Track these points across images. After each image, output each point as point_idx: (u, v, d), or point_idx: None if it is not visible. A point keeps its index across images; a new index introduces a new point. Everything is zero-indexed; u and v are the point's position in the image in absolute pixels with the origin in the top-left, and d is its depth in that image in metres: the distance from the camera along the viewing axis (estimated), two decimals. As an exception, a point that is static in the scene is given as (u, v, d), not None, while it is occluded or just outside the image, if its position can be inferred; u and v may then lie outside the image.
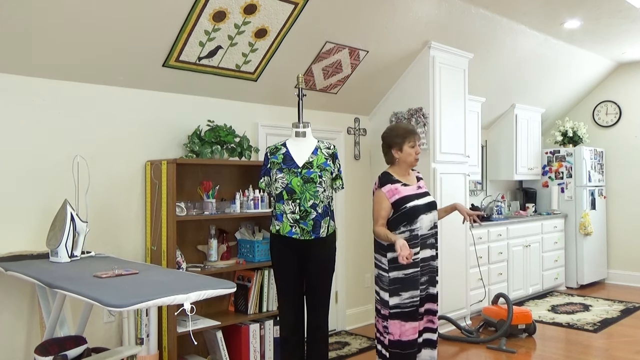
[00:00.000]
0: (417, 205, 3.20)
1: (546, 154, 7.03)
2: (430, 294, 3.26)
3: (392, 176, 3.29)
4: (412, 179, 3.34)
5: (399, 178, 3.29)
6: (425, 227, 3.21)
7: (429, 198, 3.29)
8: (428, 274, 3.24)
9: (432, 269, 3.27)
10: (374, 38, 4.36)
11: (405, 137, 3.28)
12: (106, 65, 3.36)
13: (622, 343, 4.57)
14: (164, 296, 2.04)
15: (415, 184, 3.31)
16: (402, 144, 3.27)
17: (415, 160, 3.30)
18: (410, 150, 3.27)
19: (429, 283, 3.25)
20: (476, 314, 5.37)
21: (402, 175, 3.31)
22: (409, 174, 3.34)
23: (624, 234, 7.08)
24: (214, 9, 3.35)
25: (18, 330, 3.14)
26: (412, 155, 3.27)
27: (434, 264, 3.28)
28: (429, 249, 3.24)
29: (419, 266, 3.17)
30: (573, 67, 6.48)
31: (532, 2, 4.63)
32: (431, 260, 3.26)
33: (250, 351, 3.74)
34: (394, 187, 3.24)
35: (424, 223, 3.20)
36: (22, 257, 2.95)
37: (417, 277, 3.16)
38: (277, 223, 3.20)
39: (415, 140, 3.28)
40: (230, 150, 3.87)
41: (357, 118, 5.16)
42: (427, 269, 3.24)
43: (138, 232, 3.64)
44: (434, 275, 3.28)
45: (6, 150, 3.10)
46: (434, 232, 3.27)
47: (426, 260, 3.22)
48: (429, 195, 3.32)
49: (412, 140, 3.27)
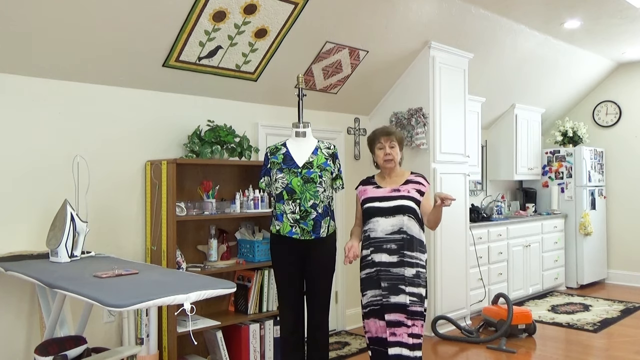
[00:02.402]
0: (372, 207, 3.11)
1: (546, 154, 7.03)
2: (390, 303, 3.01)
3: (371, 178, 3.27)
4: (394, 181, 3.18)
5: (377, 180, 3.23)
6: (381, 231, 3.06)
7: (397, 202, 3.08)
8: (387, 281, 3.03)
9: (393, 276, 3.03)
10: (374, 38, 4.36)
11: (374, 140, 3.21)
12: (106, 65, 3.36)
13: (622, 343, 4.57)
14: (164, 296, 2.04)
15: (391, 187, 3.15)
16: (374, 146, 3.22)
17: (385, 162, 3.15)
18: (379, 152, 3.18)
19: (390, 291, 3.02)
20: (476, 314, 5.37)
21: (382, 178, 3.22)
22: (392, 176, 3.19)
23: (624, 234, 7.08)
24: (214, 9, 3.35)
25: (18, 330, 3.14)
26: (380, 157, 3.17)
27: (396, 272, 3.03)
28: (386, 254, 3.04)
29: (374, 268, 3.07)
30: (573, 67, 6.48)
31: (532, 2, 4.63)
32: (391, 266, 3.03)
33: (250, 351, 3.74)
34: (364, 188, 3.21)
35: (379, 226, 3.06)
36: (22, 257, 2.95)
37: (374, 277, 3.07)
38: (277, 223, 3.20)
39: (383, 141, 3.16)
40: (230, 150, 3.87)
41: (357, 118, 5.16)
42: (387, 275, 3.04)
43: (138, 232, 3.64)
44: (397, 284, 3.01)
45: (6, 150, 3.10)
46: (396, 237, 3.04)
47: (384, 265, 3.05)
48: (404, 200, 3.08)
49: (380, 141, 3.17)
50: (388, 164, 3.15)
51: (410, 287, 3.01)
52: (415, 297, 3.02)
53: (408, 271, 3.03)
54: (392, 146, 3.16)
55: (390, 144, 3.16)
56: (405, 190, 3.12)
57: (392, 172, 3.19)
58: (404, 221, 3.06)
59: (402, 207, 3.07)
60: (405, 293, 3.00)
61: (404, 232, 3.06)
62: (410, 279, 3.02)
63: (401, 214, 3.07)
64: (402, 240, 3.05)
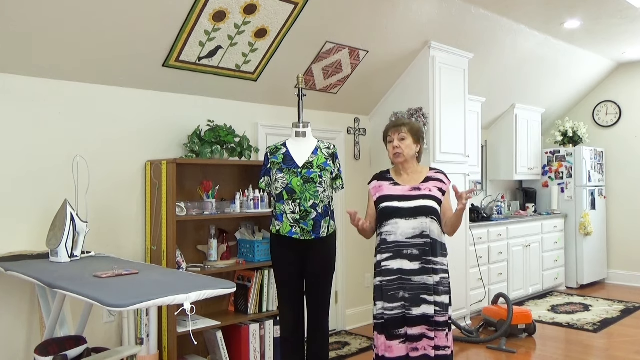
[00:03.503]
0: (390, 207, 2.82)
1: (546, 154, 7.03)
2: (413, 315, 2.74)
3: (386, 173, 3.00)
4: (412, 178, 2.91)
5: (393, 176, 2.96)
6: (401, 234, 2.77)
7: (419, 202, 2.80)
8: (409, 291, 2.75)
9: (415, 285, 2.75)
10: (374, 38, 4.36)
11: (386, 134, 2.98)
12: (106, 65, 3.36)
13: (622, 343, 4.57)
14: (164, 296, 2.04)
15: (410, 185, 2.88)
16: (386, 140, 2.98)
17: (394, 156, 2.91)
18: (388, 147, 2.95)
19: (412, 302, 2.74)
20: (476, 314, 5.37)
21: (398, 173, 2.96)
22: (408, 172, 2.93)
23: (624, 234, 7.08)
24: (214, 9, 3.35)
25: (18, 330, 3.14)
26: (390, 151, 2.94)
27: (418, 280, 2.75)
28: (407, 260, 2.76)
29: (390, 276, 2.78)
30: (573, 67, 6.48)
31: (532, 2, 4.63)
32: (412, 274, 2.75)
33: (250, 351, 3.74)
34: (379, 184, 2.94)
35: (399, 229, 2.78)
36: (22, 257, 2.95)
37: (386, 287, 2.79)
38: (277, 223, 3.20)
39: (392, 134, 2.92)
40: (230, 150, 3.87)
41: (357, 118, 5.16)
42: (407, 284, 2.76)
43: (138, 232, 3.64)
44: (419, 294, 2.74)
45: (6, 150, 3.10)
46: (418, 242, 2.77)
47: (404, 273, 2.76)
48: (426, 200, 2.81)
49: (390, 135, 2.93)
50: (397, 158, 2.90)
51: (435, 295, 2.75)
52: (439, 306, 2.75)
53: (432, 279, 2.76)
54: (401, 138, 2.89)
55: (400, 136, 2.90)
56: (427, 189, 2.85)
57: (408, 168, 2.93)
58: (427, 224, 2.78)
59: (425, 208, 2.79)
60: (429, 303, 2.73)
61: (427, 235, 2.77)
62: (434, 287, 2.75)
63: (423, 216, 2.78)
64: (425, 244, 2.76)
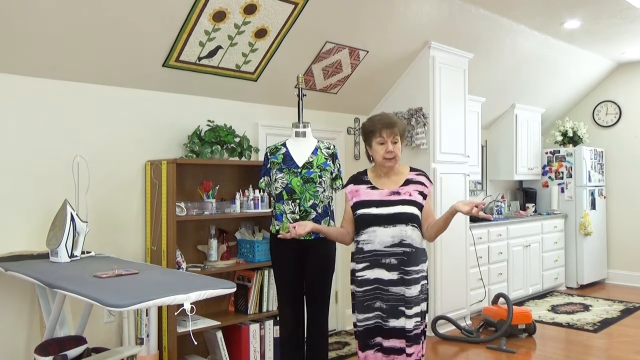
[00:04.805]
0: (368, 214, 2.59)
1: (546, 154, 7.03)
2: (389, 327, 2.57)
3: (364, 175, 2.73)
4: (392, 181, 2.67)
5: (371, 178, 2.70)
6: (379, 243, 2.57)
7: (398, 208, 2.57)
8: (386, 302, 2.58)
9: (392, 296, 2.57)
10: (374, 38, 4.36)
11: (373, 132, 2.63)
12: (106, 65, 3.36)
13: (622, 343, 4.57)
14: (164, 296, 2.04)
15: (389, 188, 2.64)
16: (371, 139, 2.64)
17: (386, 160, 2.61)
18: (378, 148, 2.61)
19: (389, 314, 2.57)
20: (476, 314, 5.37)
21: (377, 175, 2.70)
22: (389, 176, 2.68)
23: (624, 234, 7.08)
24: (214, 9, 3.35)
25: (18, 330, 3.14)
26: (380, 154, 2.61)
27: (396, 291, 2.56)
28: (385, 269, 2.57)
29: (367, 286, 2.61)
30: (573, 67, 6.48)
31: (532, 2, 4.63)
32: (390, 285, 2.56)
33: (250, 351, 3.74)
34: (356, 189, 2.69)
35: (377, 237, 2.58)
36: (22, 257, 2.95)
37: (361, 297, 2.63)
38: (277, 223, 3.20)
39: (386, 135, 2.59)
40: (230, 150, 3.87)
41: (357, 118, 5.16)
42: (385, 294, 2.58)
43: (138, 232, 3.64)
44: (397, 305, 2.56)
45: (6, 150, 3.10)
46: (397, 251, 2.56)
47: (382, 283, 2.58)
48: (405, 205, 2.58)
49: (381, 135, 2.60)
50: (389, 162, 2.62)
51: (414, 307, 2.57)
52: (418, 316, 2.59)
53: (411, 290, 2.57)
54: (395, 141, 2.62)
55: (394, 139, 2.61)
56: (407, 193, 2.62)
57: (390, 170, 2.68)
58: (407, 232, 2.57)
59: (404, 215, 2.58)
60: (406, 316, 2.56)
61: (407, 244, 2.57)
62: (412, 299, 2.57)
63: (403, 223, 2.57)
64: (404, 254, 2.57)
